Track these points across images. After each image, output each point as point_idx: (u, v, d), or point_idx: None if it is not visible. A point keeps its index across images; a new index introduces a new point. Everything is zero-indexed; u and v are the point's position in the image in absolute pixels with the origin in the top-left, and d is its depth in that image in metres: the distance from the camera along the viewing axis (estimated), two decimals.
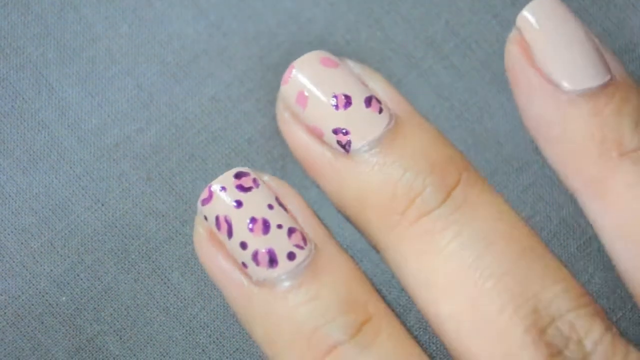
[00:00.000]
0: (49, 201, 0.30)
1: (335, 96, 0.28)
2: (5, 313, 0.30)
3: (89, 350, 0.30)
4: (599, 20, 0.32)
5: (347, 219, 0.29)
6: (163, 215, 0.30)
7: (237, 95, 0.31)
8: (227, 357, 0.30)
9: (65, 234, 0.30)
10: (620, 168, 0.27)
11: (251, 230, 0.26)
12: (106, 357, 0.30)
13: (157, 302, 0.30)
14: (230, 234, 0.27)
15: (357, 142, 0.27)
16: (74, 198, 0.30)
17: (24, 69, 0.31)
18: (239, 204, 0.27)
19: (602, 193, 0.27)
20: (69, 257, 0.30)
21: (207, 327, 0.30)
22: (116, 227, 0.30)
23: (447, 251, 0.26)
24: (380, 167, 0.27)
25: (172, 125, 0.31)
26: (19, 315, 0.30)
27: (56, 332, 0.30)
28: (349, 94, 0.28)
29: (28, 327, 0.30)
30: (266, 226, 0.27)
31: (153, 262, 0.30)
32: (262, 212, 0.27)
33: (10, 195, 0.30)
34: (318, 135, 0.28)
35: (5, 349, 0.29)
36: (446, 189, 0.27)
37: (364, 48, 0.31)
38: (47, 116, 0.31)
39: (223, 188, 0.27)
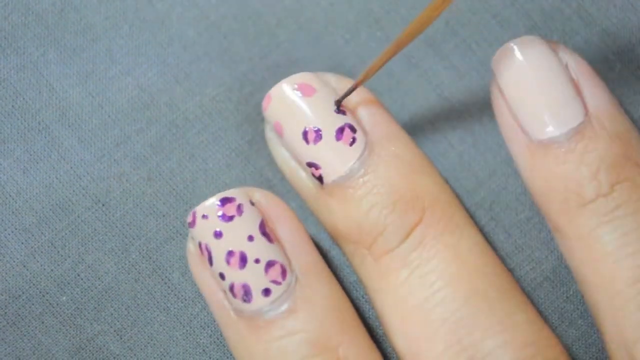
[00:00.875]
0: (49, 201, 0.30)
1: (305, 131, 0.28)
2: (5, 313, 0.30)
3: (89, 350, 0.30)
4: (598, 20, 0.32)
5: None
6: (163, 216, 0.30)
7: (238, 96, 0.31)
8: (227, 357, 0.30)
9: (66, 233, 0.30)
10: (577, 220, 0.27)
11: (228, 263, 0.26)
12: (106, 356, 0.30)
13: (158, 302, 0.30)
14: (210, 262, 0.27)
15: (329, 176, 0.28)
16: (75, 198, 0.30)
17: (25, 69, 0.31)
18: (219, 234, 0.27)
19: (562, 240, 0.28)
20: (69, 256, 0.30)
21: (208, 327, 0.30)
22: (116, 227, 0.30)
23: (402, 291, 0.27)
24: (348, 202, 0.27)
25: (172, 125, 0.31)
26: (19, 315, 0.30)
27: (56, 331, 0.30)
28: (320, 127, 0.28)
29: (28, 326, 0.30)
30: (243, 260, 0.26)
31: (153, 262, 0.30)
32: (240, 245, 0.27)
33: (10, 195, 0.30)
34: (300, 164, 0.28)
35: (5, 349, 0.29)
36: (406, 229, 0.27)
37: (364, 48, 0.31)
38: (48, 116, 0.31)
39: (205, 216, 0.27)
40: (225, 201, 0.27)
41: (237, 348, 0.27)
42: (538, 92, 0.28)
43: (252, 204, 0.27)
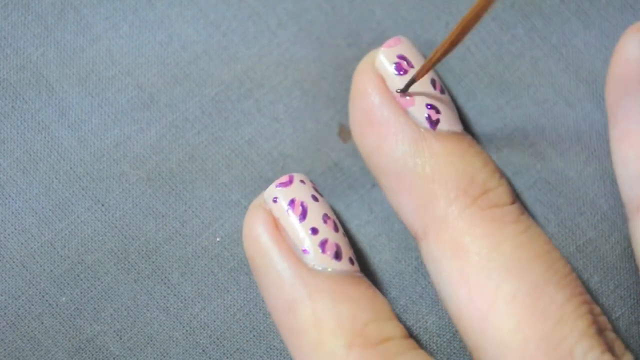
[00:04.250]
0: (49, 201, 0.30)
1: (434, 79, 0.30)
2: (5, 313, 0.29)
3: (89, 351, 0.30)
4: (597, 22, 0.32)
5: (398, 191, 0.29)
6: (163, 216, 0.30)
7: (237, 96, 0.31)
8: (227, 357, 0.30)
9: (66, 234, 0.30)
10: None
11: (325, 222, 0.28)
12: (106, 357, 0.30)
13: (157, 303, 0.30)
14: (303, 216, 0.28)
15: (445, 124, 0.29)
16: (74, 198, 0.30)
17: (24, 70, 0.31)
18: (316, 199, 0.29)
19: None
20: (69, 257, 0.30)
21: (207, 327, 0.30)
22: (116, 227, 0.30)
23: (519, 240, 0.28)
24: (463, 152, 0.29)
25: (172, 125, 0.31)
26: (19, 316, 0.30)
27: (56, 332, 0.30)
28: (442, 86, 0.30)
29: (28, 327, 0.30)
30: (336, 227, 0.28)
31: (153, 262, 0.30)
32: (332, 215, 0.29)
33: (10, 196, 0.30)
34: (408, 102, 0.29)
35: (5, 349, 0.29)
36: (512, 196, 0.29)
37: (366, 51, 0.31)
38: (48, 116, 0.31)
39: (302, 181, 0.29)
40: (313, 182, 0.29)
41: (305, 309, 0.27)
42: None
43: None
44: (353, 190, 0.31)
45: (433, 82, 0.29)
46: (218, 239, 0.30)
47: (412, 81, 0.28)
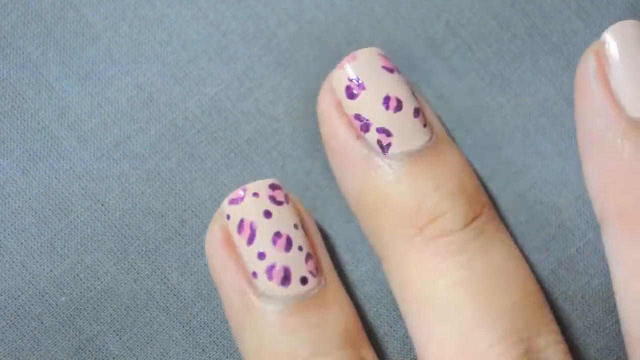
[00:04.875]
0: (49, 201, 0.30)
1: (388, 97, 0.28)
2: (5, 313, 0.30)
3: (89, 351, 0.30)
4: (598, 21, 0.32)
5: (358, 217, 0.29)
6: (163, 216, 0.30)
7: (237, 96, 0.31)
8: (227, 358, 0.30)
9: (65, 234, 0.30)
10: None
11: (274, 243, 0.27)
12: (106, 357, 0.30)
13: (157, 303, 0.30)
14: (251, 240, 0.27)
15: (397, 147, 0.27)
16: (74, 198, 0.30)
17: (24, 69, 0.31)
18: (268, 214, 0.27)
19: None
20: (68, 257, 0.30)
21: (207, 327, 0.30)
22: (116, 227, 0.30)
23: (457, 276, 0.26)
24: (413, 178, 0.27)
25: (172, 125, 0.31)
26: (18, 316, 0.30)
27: (56, 332, 0.30)
28: (401, 99, 0.28)
29: (28, 327, 0.30)
30: (289, 244, 0.27)
31: (153, 262, 0.30)
32: (288, 230, 0.27)
33: (10, 196, 0.30)
34: (360, 128, 0.28)
35: (5, 350, 0.29)
36: (470, 217, 0.27)
37: None
38: (47, 116, 0.31)
39: (256, 194, 0.27)
40: (274, 187, 0.27)
41: (247, 336, 0.27)
42: None
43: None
44: None
45: (386, 101, 0.27)
46: None
47: None
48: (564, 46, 0.32)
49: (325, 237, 0.30)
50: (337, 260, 0.30)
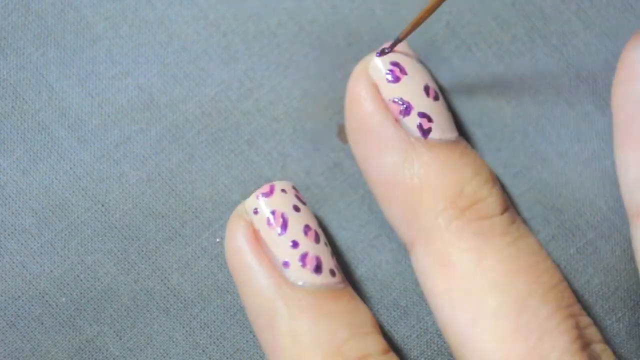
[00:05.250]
0: (49, 202, 0.30)
1: (427, 85, 0.29)
2: (5, 314, 0.30)
3: (89, 351, 0.30)
4: (597, 22, 0.32)
5: (388, 199, 0.29)
6: (163, 216, 0.30)
7: (237, 96, 0.31)
8: (227, 358, 0.30)
9: (65, 234, 0.30)
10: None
11: (305, 234, 0.28)
12: (106, 357, 0.30)
13: (157, 303, 0.30)
14: (284, 229, 0.28)
15: (437, 133, 0.29)
16: (74, 199, 0.30)
17: (24, 70, 0.31)
18: (298, 209, 0.28)
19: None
20: (68, 257, 0.30)
21: (207, 327, 0.30)
22: (116, 227, 0.30)
23: (505, 252, 0.28)
24: (453, 162, 0.28)
25: (172, 126, 0.31)
26: (18, 316, 0.30)
27: (56, 332, 0.30)
28: (437, 90, 0.30)
29: (28, 327, 0.30)
30: (317, 238, 0.28)
31: (153, 262, 0.30)
32: (314, 225, 0.28)
33: (10, 196, 0.30)
34: (399, 112, 0.29)
35: (5, 350, 0.29)
36: (505, 205, 0.29)
37: (366, 51, 0.31)
38: (48, 117, 0.31)
39: (283, 190, 0.29)
40: (295, 188, 0.29)
41: (283, 324, 0.27)
42: None
43: None
44: (353, 190, 0.31)
45: (426, 89, 0.29)
46: (218, 240, 0.30)
47: (398, 40, 0.29)
48: (563, 47, 0.32)
49: (326, 237, 0.30)
50: (337, 260, 0.30)
